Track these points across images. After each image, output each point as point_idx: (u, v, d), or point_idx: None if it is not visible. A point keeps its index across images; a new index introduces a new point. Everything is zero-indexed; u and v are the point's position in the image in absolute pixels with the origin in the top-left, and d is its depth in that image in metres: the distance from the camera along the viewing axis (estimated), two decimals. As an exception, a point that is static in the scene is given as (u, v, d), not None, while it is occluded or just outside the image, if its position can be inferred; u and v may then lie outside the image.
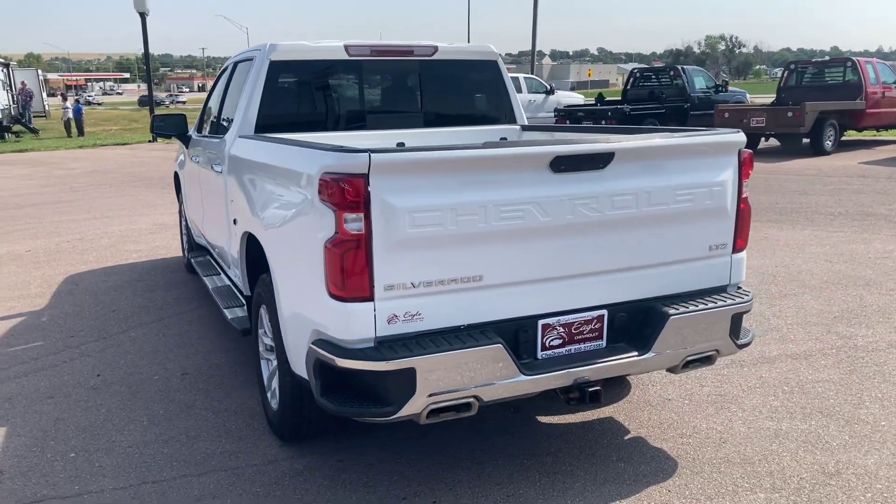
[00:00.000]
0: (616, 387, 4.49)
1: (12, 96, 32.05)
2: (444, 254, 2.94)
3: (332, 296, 2.90)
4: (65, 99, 37.56)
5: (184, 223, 7.45)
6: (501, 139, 5.16)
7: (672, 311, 3.32)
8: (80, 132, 30.78)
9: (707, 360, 3.54)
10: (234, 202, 4.38)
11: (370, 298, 2.88)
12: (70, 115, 31.27)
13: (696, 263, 3.50)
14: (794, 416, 4.09)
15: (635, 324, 3.39)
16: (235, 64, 5.44)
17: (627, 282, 3.35)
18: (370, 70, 5.06)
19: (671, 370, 3.48)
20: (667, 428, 4.00)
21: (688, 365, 3.48)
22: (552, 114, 21.40)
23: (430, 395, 2.91)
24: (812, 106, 16.36)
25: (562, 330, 3.25)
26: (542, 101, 22.64)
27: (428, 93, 5.24)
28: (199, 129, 6.11)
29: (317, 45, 4.79)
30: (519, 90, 22.28)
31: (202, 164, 5.53)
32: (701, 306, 3.39)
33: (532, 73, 29.46)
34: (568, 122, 19.83)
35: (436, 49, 5.02)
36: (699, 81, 20.96)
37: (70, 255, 8.66)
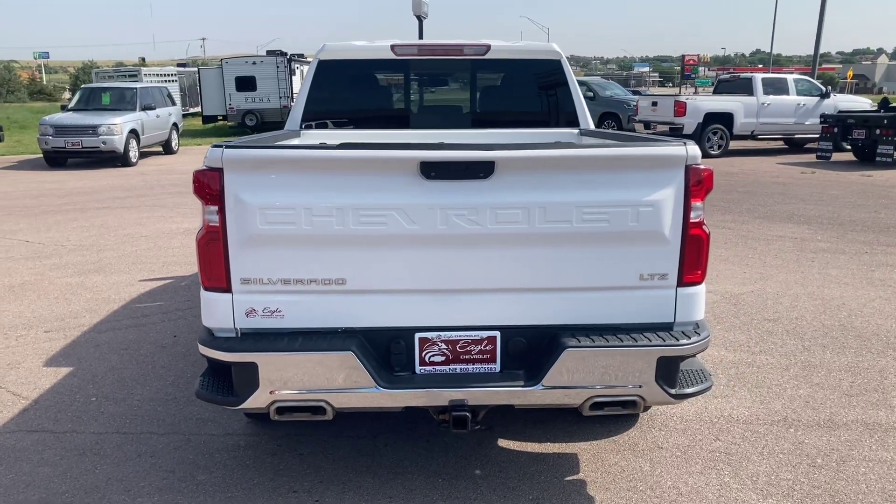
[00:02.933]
0: (613, 423, 4.03)
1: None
2: (301, 253, 2.92)
3: (202, 285, 3.06)
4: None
5: None
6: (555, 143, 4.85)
7: (571, 343, 2.93)
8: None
9: (629, 406, 3.05)
10: None
11: (228, 290, 2.97)
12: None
13: (620, 293, 3.03)
14: (791, 496, 3.34)
15: (536, 352, 3.05)
16: None
17: (526, 304, 3.02)
18: (417, 69, 5.06)
19: (578, 410, 3.07)
20: (623, 478, 3.51)
21: (599, 407, 3.04)
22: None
23: (273, 393, 2.94)
24: None
25: (444, 346, 3.04)
26: (813, 106, 20.01)
27: (478, 92, 5.10)
28: None
29: (364, 45, 4.92)
30: (785, 92, 20.08)
31: None
32: (612, 342, 2.94)
33: (813, 75, 26.29)
34: (836, 129, 17.48)
35: (488, 48, 4.87)
36: None
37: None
